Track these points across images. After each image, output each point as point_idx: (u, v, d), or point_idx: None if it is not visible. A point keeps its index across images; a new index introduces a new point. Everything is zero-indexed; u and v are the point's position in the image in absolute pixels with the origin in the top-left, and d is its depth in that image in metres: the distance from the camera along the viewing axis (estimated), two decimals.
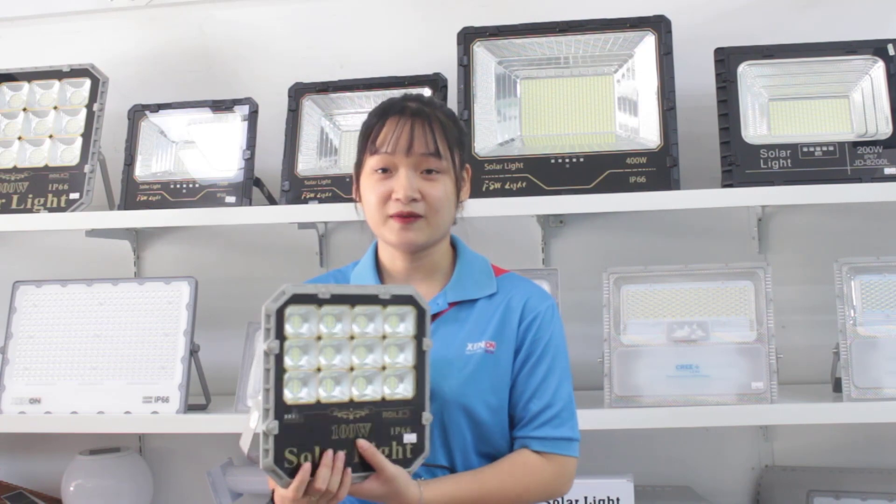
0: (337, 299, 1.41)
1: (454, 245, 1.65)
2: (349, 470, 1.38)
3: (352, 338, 1.42)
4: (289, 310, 1.37)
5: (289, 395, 1.36)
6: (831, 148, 2.26)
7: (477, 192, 2.31)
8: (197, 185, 2.51)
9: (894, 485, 2.33)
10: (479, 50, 2.42)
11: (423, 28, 2.63)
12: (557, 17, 2.41)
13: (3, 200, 2.51)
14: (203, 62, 2.74)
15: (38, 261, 2.78)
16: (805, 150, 2.27)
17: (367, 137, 1.56)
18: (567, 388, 1.58)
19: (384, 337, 1.44)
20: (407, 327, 1.45)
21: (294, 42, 2.70)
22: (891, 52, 2.29)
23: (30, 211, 2.48)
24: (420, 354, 1.45)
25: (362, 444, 1.39)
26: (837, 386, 2.18)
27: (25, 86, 2.60)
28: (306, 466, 1.35)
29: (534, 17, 2.44)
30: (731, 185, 2.25)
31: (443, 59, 2.46)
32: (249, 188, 2.47)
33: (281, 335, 1.36)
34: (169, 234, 2.73)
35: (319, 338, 1.39)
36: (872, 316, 2.18)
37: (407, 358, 1.45)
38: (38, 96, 2.59)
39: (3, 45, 2.82)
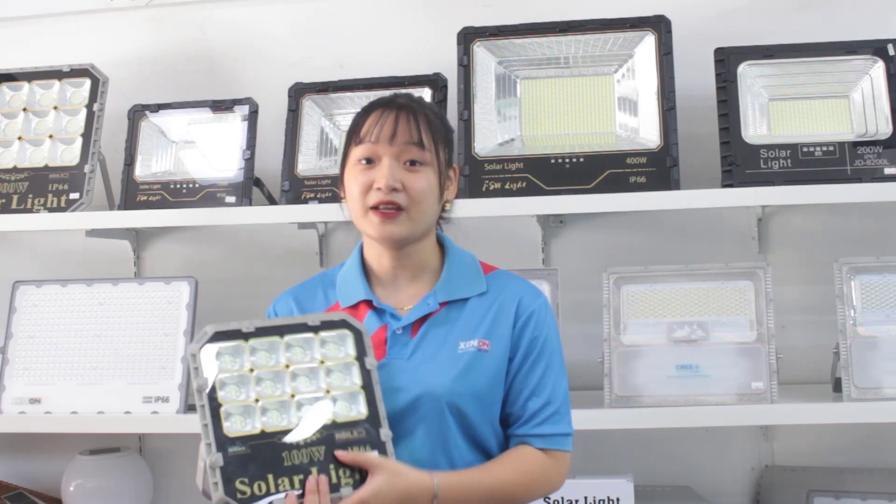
0: (264, 331, 1.46)
1: (442, 243, 1.64)
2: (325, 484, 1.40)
3: (287, 366, 1.45)
4: (216, 347, 1.42)
5: (229, 427, 1.39)
6: (831, 148, 2.26)
7: (477, 192, 2.31)
8: (197, 185, 2.51)
9: (894, 485, 2.33)
10: (479, 50, 2.42)
11: (423, 28, 2.63)
12: (557, 17, 2.41)
13: (3, 200, 2.51)
14: (203, 62, 2.74)
15: (38, 261, 2.78)
16: (805, 150, 2.27)
17: (353, 131, 1.56)
18: (563, 384, 1.59)
19: (322, 362, 1.47)
20: (347, 350, 1.48)
21: (294, 42, 2.70)
22: (891, 52, 2.29)
23: (30, 211, 2.48)
24: (366, 374, 1.48)
25: (340, 454, 1.41)
26: (837, 386, 2.18)
27: (25, 86, 2.60)
28: (291, 496, 1.37)
29: (534, 17, 2.44)
30: (731, 185, 2.25)
31: (443, 59, 2.46)
32: (249, 188, 2.47)
33: (210, 372, 1.41)
34: (169, 234, 2.72)
35: (252, 370, 1.43)
36: (872, 316, 2.18)
37: (353, 380, 1.47)
38: (38, 96, 2.59)
39: (3, 45, 2.82)
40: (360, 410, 1.46)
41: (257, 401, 1.42)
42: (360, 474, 1.43)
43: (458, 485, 1.47)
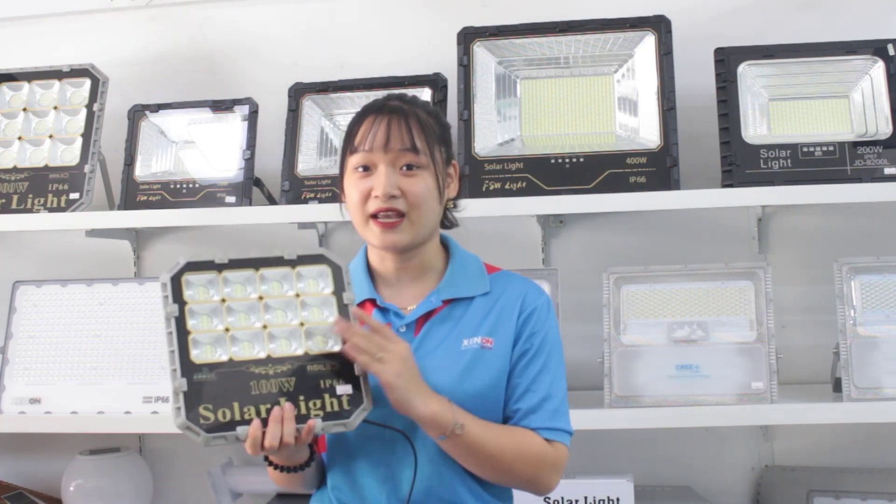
0: (237, 263, 1.47)
1: (446, 245, 1.64)
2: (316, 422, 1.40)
3: (260, 298, 1.46)
4: (187, 277, 1.44)
5: (197, 355, 1.40)
6: (831, 148, 2.26)
7: (477, 192, 2.31)
8: (197, 185, 2.51)
9: (894, 485, 2.33)
10: (479, 50, 2.42)
11: (423, 28, 2.63)
12: (557, 17, 2.41)
13: (3, 200, 2.51)
14: (203, 62, 2.74)
15: (38, 261, 2.78)
16: (805, 150, 2.27)
17: (348, 139, 1.56)
18: (563, 384, 1.58)
19: (297, 295, 1.47)
20: (324, 285, 1.49)
21: (294, 42, 2.70)
22: (891, 52, 2.29)
23: (30, 211, 2.48)
24: (343, 308, 1.48)
25: (347, 349, 1.42)
26: (837, 386, 2.18)
27: (25, 86, 2.60)
28: (255, 423, 1.37)
29: (534, 17, 2.44)
30: (731, 185, 2.25)
31: (443, 59, 2.46)
32: (249, 188, 2.47)
33: (181, 300, 1.42)
34: (169, 234, 2.72)
35: (224, 301, 1.44)
36: (872, 316, 2.18)
37: (330, 314, 1.47)
38: (38, 96, 2.59)
39: (3, 45, 2.82)
40: (335, 345, 1.46)
41: (227, 330, 1.43)
42: (332, 407, 1.42)
43: (475, 420, 1.47)
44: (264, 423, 1.38)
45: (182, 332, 1.41)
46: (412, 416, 1.43)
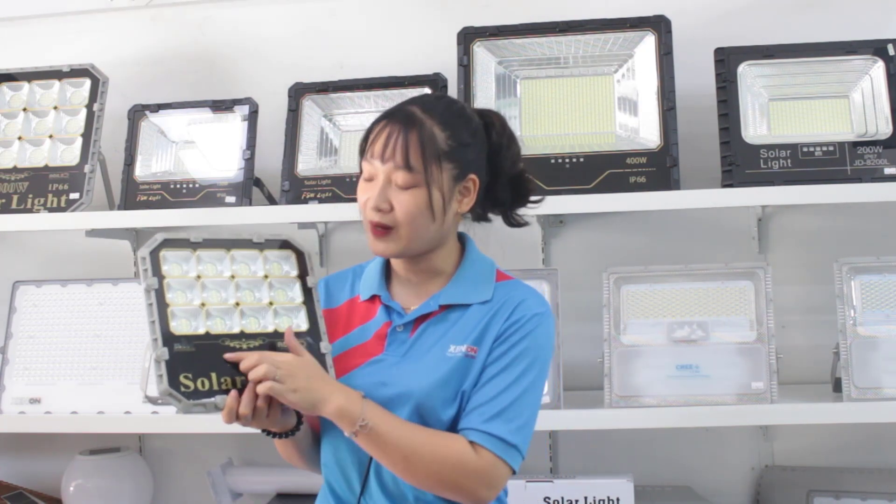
0: (210, 243, 1.55)
1: (464, 246, 1.64)
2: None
3: (232, 277, 1.54)
4: (164, 253, 1.50)
5: (175, 326, 1.46)
6: (831, 148, 2.26)
7: None
8: (197, 185, 2.51)
9: (894, 485, 2.33)
10: (479, 50, 2.42)
11: (423, 28, 2.63)
12: (557, 17, 2.41)
13: (3, 200, 2.51)
14: (203, 62, 2.74)
15: (38, 261, 2.78)
16: (805, 150, 2.27)
17: (361, 143, 1.57)
18: (531, 401, 1.50)
19: (266, 276, 1.56)
20: (289, 269, 1.58)
21: (294, 42, 2.70)
22: (891, 52, 2.29)
23: (30, 211, 2.48)
24: (307, 291, 1.57)
25: (288, 332, 1.48)
26: (837, 386, 2.18)
27: (25, 86, 2.60)
28: (233, 394, 1.42)
29: (534, 17, 2.44)
30: (731, 185, 2.25)
31: (443, 59, 2.46)
32: (249, 188, 2.47)
33: (159, 274, 1.48)
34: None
35: (199, 277, 1.52)
36: (872, 316, 2.18)
37: (295, 295, 1.56)
38: (38, 96, 2.59)
39: (3, 45, 2.82)
40: (301, 325, 1.54)
41: (203, 305, 1.49)
42: None
43: (388, 417, 1.46)
44: (241, 392, 1.43)
45: (161, 305, 1.46)
46: (322, 416, 1.45)
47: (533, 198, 1.67)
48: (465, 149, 1.54)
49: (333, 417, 1.44)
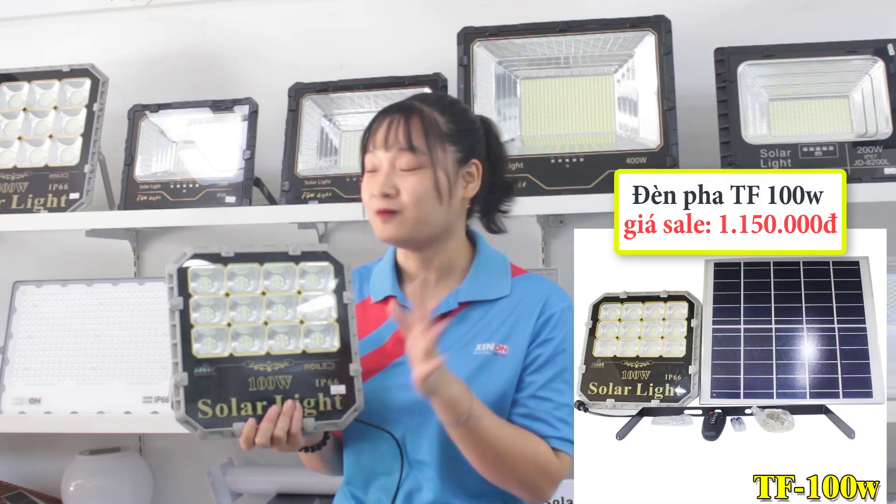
0: (243, 257, 1.47)
1: (474, 243, 1.64)
2: (298, 411, 1.42)
3: (263, 293, 1.47)
4: (193, 269, 1.43)
5: (198, 349, 1.41)
6: (831, 148, 2.26)
7: None
8: (197, 185, 2.51)
9: (894, 485, 2.32)
10: (479, 50, 2.42)
11: (423, 28, 2.64)
12: (557, 17, 2.41)
13: (3, 200, 2.51)
14: (203, 62, 2.74)
15: (38, 261, 2.78)
16: (805, 149, 2.27)
17: (363, 138, 1.58)
18: (571, 392, 1.56)
19: (299, 292, 1.49)
20: (326, 283, 1.50)
21: (294, 42, 2.70)
22: (891, 52, 2.29)
23: (30, 211, 2.48)
24: (342, 308, 1.50)
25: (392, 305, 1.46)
26: None
27: (25, 86, 2.60)
28: (250, 422, 1.39)
29: (534, 17, 2.44)
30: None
31: (443, 59, 2.46)
32: (249, 188, 2.47)
33: (185, 293, 1.42)
34: (169, 234, 2.72)
35: (228, 294, 1.45)
36: None
37: (329, 313, 1.48)
38: (38, 96, 2.59)
39: (3, 45, 2.82)
40: (334, 343, 1.48)
41: (230, 325, 1.44)
42: (325, 406, 1.45)
43: (490, 413, 1.46)
44: (259, 419, 1.40)
45: (185, 326, 1.42)
46: (433, 398, 1.41)
47: (504, 207, 1.68)
48: (466, 133, 1.57)
49: (441, 406, 1.42)
